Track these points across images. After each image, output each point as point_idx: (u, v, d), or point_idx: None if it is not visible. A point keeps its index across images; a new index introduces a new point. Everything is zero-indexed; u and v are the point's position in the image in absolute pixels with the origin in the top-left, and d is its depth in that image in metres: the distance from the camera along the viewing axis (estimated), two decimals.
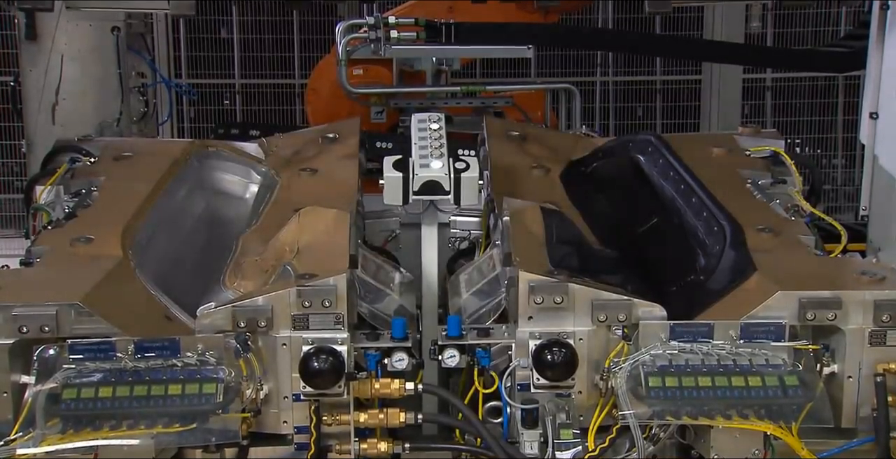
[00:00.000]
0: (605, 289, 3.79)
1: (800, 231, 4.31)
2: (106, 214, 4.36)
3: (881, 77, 5.27)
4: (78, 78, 6.69)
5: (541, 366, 3.67)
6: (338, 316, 3.67)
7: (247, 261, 4.24)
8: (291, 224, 4.26)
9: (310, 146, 5.21)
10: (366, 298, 4.00)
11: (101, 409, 3.44)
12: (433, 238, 4.47)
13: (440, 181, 4.30)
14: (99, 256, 4.01)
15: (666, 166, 4.84)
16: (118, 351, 3.53)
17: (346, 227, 4.12)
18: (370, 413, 3.73)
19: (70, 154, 4.97)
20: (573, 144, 5.36)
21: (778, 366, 3.61)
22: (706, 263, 4.19)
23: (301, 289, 3.67)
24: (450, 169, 4.33)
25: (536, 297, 3.70)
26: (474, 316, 4.10)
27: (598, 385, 3.71)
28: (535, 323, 3.74)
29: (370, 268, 4.23)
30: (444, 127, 4.55)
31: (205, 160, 5.06)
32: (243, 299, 3.74)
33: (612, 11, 9.67)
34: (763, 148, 5.02)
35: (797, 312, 3.68)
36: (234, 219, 4.88)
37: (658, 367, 3.60)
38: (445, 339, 3.81)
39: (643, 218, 4.75)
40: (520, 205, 4.36)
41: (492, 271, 4.23)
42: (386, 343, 3.77)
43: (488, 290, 4.18)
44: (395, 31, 6.16)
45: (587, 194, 4.90)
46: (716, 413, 3.53)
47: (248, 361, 3.60)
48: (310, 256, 4.05)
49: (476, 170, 4.35)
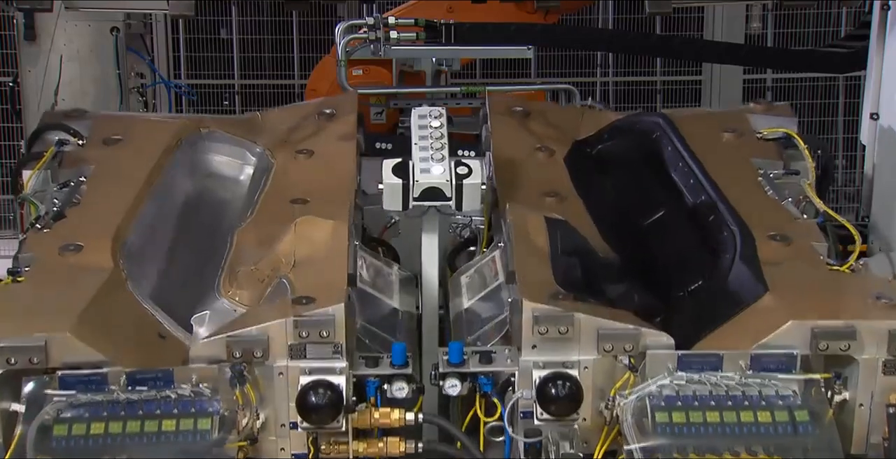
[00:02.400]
0: (612, 315, 3.67)
1: (812, 236, 4.16)
2: (95, 214, 4.22)
3: (882, 78, 5.26)
4: (77, 78, 6.71)
5: (544, 401, 3.55)
6: (336, 345, 3.54)
7: (242, 271, 4.13)
8: (288, 233, 4.14)
9: (306, 124, 5.04)
10: (364, 311, 3.89)
11: (94, 447, 3.31)
12: (433, 245, 4.29)
13: (441, 188, 4.13)
14: (89, 267, 3.88)
15: (674, 155, 4.71)
16: (110, 382, 3.39)
17: (345, 240, 4.01)
18: (369, 442, 3.60)
19: (58, 133, 4.79)
20: (578, 120, 5.19)
21: (788, 397, 3.48)
22: (714, 272, 4.07)
23: (298, 320, 3.53)
24: (451, 174, 4.15)
25: (541, 328, 3.56)
26: (476, 333, 3.99)
27: (603, 414, 3.59)
28: (539, 351, 3.59)
29: (369, 274, 4.15)
30: (445, 124, 4.38)
31: (197, 144, 4.88)
32: (237, 327, 3.58)
33: (612, 12, 9.66)
34: (775, 130, 4.89)
35: (809, 341, 3.55)
36: (229, 201, 4.75)
37: (665, 399, 3.46)
38: (447, 366, 3.65)
39: (650, 209, 4.61)
40: (523, 216, 4.22)
41: (493, 279, 4.15)
42: (385, 369, 3.62)
43: (490, 302, 4.08)
44: (394, 32, 6.17)
45: (592, 180, 4.76)
46: (724, 450, 3.38)
47: (244, 391, 3.48)
48: (307, 271, 3.92)
49: (478, 175, 4.17)
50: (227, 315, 3.95)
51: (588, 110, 5.45)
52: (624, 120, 5.12)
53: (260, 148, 4.89)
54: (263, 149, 4.88)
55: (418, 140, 4.31)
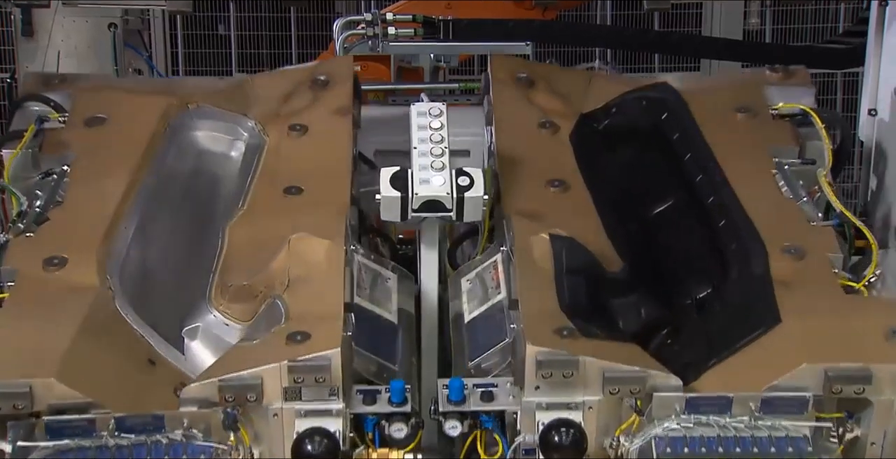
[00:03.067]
0: (618, 351, 3.56)
1: (827, 246, 4.03)
2: (80, 218, 4.11)
3: (880, 74, 5.26)
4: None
5: (547, 448, 3.48)
6: (332, 388, 3.43)
7: (234, 286, 4.02)
8: (282, 251, 3.98)
9: (299, 94, 4.92)
10: (361, 335, 3.72)
11: None
12: (433, 259, 4.15)
13: (442, 200, 3.98)
14: (74, 285, 3.79)
15: (684, 142, 4.60)
16: (98, 428, 3.28)
17: (341, 265, 3.86)
18: None
19: (38, 106, 4.70)
20: (585, 86, 5.05)
21: (798, 441, 3.39)
22: (723, 286, 3.99)
23: (292, 365, 3.40)
24: (452, 185, 3.97)
25: (544, 372, 3.45)
26: (477, 359, 3.84)
27: (608, 452, 3.52)
28: (543, 392, 3.49)
29: (365, 282, 4.02)
30: (446, 124, 4.23)
31: (185, 124, 4.77)
32: (229, 366, 3.46)
33: (610, 8, 9.65)
34: (792, 105, 4.81)
35: (823, 383, 3.45)
36: (221, 180, 4.65)
37: (671, 442, 3.37)
38: (447, 404, 3.54)
39: (657, 198, 4.53)
40: (527, 237, 4.04)
41: (495, 291, 4.01)
42: (384, 406, 3.51)
43: (492, 322, 3.93)
44: (392, 28, 6.16)
45: (598, 161, 4.64)
46: None
47: (238, 436, 3.39)
48: (302, 293, 3.80)
49: (480, 187, 3.99)
50: (219, 328, 3.92)
51: (595, 75, 5.27)
52: (632, 94, 4.96)
53: (252, 121, 4.78)
54: (255, 122, 4.77)
55: (418, 143, 4.14)
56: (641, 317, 3.95)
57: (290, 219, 4.18)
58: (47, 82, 4.94)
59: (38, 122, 4.59)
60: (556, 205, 4.34)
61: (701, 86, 5.10)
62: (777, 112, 4.81)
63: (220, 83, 5.23)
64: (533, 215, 4.24)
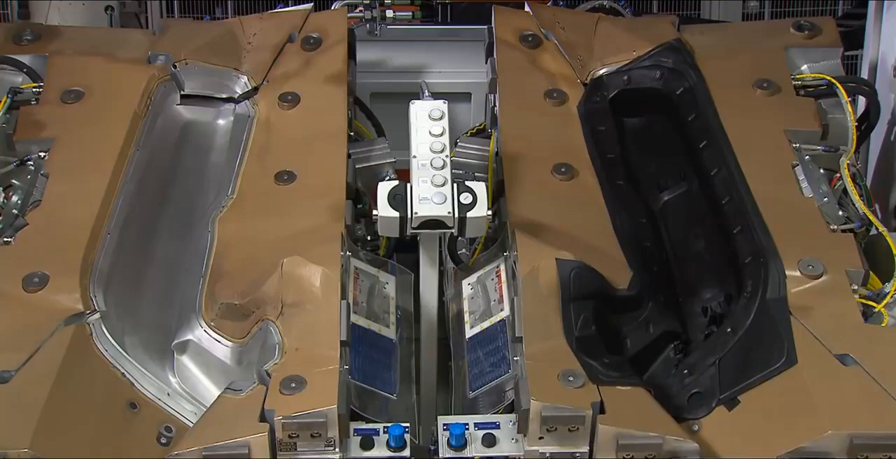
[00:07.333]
0: (628, 399, 3.42)
1: (848, 260, 3.84)
2: (60, 223, 3.94)
3: (879, 56, 5.26)
4: None
5: None
6: (329, 440, 3.30)
7: (225, 304, 3.86)
8: (275, 274, 3.77)
9: (290, 54, 4.75)
10: (357, 369, 3.58)
11: None
12: (433, 276, 3.91)
13: (443, 220, 3.71)
14: (55, 310, 3.63)
15: (698, 126, 4.40)
16: None
17: (336, 296, 3.65)
18: None
19: (8, 70, 4.57)
20: (591, 33, 4.86)
21: None
22: (737, 302, 3.83)
23: (286, 422, 3.25)
24: (454, 204, 3.71)
25: (549, 426, 3.30)
26: (476, 392, 3.66)
27: None
28: (547, 442, 3.34)
29: (361, 295, 3.84)
30: (447, 127, 3.92)
31: (170, 97, 4.62)
32: (215, 435, 3.27)
33: None
34: (816, 75, 4.66)
35: (847, 447, 3.28)
36: (209, 154, 4.51)
37: None
38: (447, 450, 3.39)
39: (668, 184, 4.42)
40: (533, 264, 3.78)
41: (498, 306, 3.82)
42: (382, 451, 3.36)
43: (492, 347, 3.75)
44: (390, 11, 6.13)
45: (607, 136, 4.45)
46: None
47: None
48: (296, 326, 3.62)
49: (483, 206, 3.72)
50: (210, 344, 3.82)
51: (602, 20, 5.00)
52: (644, 58, 4.73)
53: (244, 77, 4.70)
54: (248, 78, 4.68)
55: (417, 151, 3.87)
56: (650, 332, 3.83)
57: (281, 218, 4.06)
58: (19, 37, 4.76)
59: (10, 94, 4.47)
60: (562, 204, 4.18)
61: (719, 48, 4.86)
62: (800, 83, 4.65)
63: (209, 31, 5.04)
64: (538, 227, 4.03)
